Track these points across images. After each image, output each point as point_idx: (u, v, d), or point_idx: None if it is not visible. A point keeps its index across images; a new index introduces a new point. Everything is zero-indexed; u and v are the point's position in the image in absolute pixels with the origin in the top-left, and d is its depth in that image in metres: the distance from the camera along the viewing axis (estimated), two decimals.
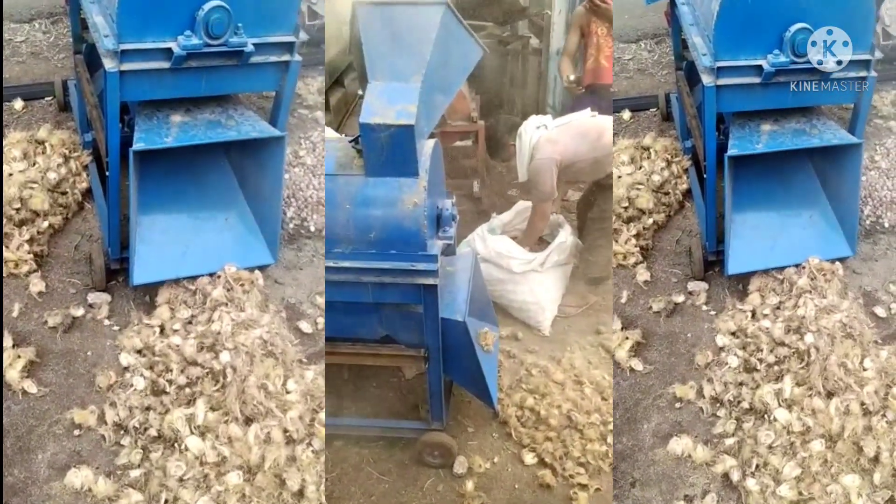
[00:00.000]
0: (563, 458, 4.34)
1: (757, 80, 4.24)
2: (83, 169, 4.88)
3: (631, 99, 6.05)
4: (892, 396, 4.08)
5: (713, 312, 4.67)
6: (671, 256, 5.03)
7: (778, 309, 4.46)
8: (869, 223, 5.33)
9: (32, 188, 4.62)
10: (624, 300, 4.77)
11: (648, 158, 5.45)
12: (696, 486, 3.92)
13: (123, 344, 4.06)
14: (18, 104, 5.33)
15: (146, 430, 3.76)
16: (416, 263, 3.85)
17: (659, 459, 4.03)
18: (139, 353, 4.03)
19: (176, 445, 3.72)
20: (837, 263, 4.65)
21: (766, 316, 4.44)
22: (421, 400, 4.64)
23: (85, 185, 4.85)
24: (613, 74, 6.24)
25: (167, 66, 3.76)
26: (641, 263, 4.95)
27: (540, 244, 5.63)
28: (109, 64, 3.71)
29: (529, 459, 4.36)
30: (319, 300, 4.55)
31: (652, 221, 5.15)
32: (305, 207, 5.13)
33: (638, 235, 5.06)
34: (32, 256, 4.44)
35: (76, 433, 3.77)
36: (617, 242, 5.01)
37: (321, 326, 4.43)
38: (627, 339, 4.51)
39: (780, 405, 4.04)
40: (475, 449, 4.46)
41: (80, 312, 4.25)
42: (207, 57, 3.81)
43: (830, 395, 4.06)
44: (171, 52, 3.73)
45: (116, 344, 4.10)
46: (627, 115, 5.88)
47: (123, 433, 3.77)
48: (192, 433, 3.74)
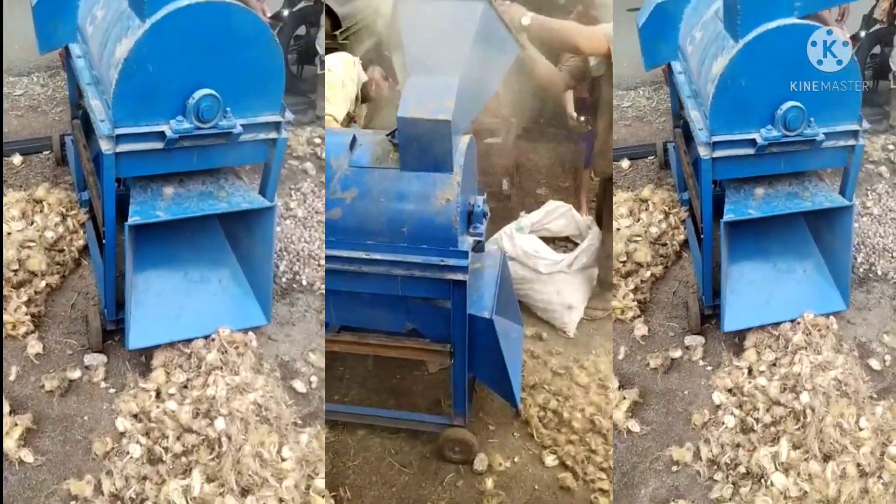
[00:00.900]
0: (584, 461, 4.34)
1: (751, 151, 4.30)
2: (80, 227, 4.89)
3: (629, 148, 6.06)
4: (888, 456, 4.07)
5: (710, 368, 4.66)
6: (668, 309, 5.02)
7: (774, 366, 4.47)
8: (862, 271, 5.33)
9: (30, 248, 4.64)
10: (622, 356, 4.75)
11: (647, 210, 5.44)
12: None
13: (120, 408, 4.06)
14: (17, 159, 5.37)
15: (143, 501, 3.74)
16: (446, 259, 3.90)
17: None
18: (135, 417, 4.02)
19: None
20: (832, 318, 4.66)
21: (762, 373, 4.45)
22: (443, 395, 4.67)
23: (82, 242, 4.87)
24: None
25: (160, 146, 3.85)
26: (639, 318, 4.93)
27: (567, 246, 5.63)
28: (105, 146, 3.79)
29: (550, 461, 4.38)
30: (313, 357, 4.56)
31: (650, 274, 5.14)
32: (297, 261, 5.13)
33: (636, 289, 5.04)
34: (30, 317, 4.43)
35: None
36: (616, 297, 5.00)
37: (315, 385, 4.44)
38: (625, 398, 4.49)
39: (776, 469, 4.02)
40: (496, 447, 4.48)
41: (76, 375, 4.25)
42: (199, 137, 3.88)
43: (827, 457, 4.04)
44: (163, 134, 3.80)
45: (113, 408, 4.09)
46: (626, 163, 5.89)
47: None
48: None
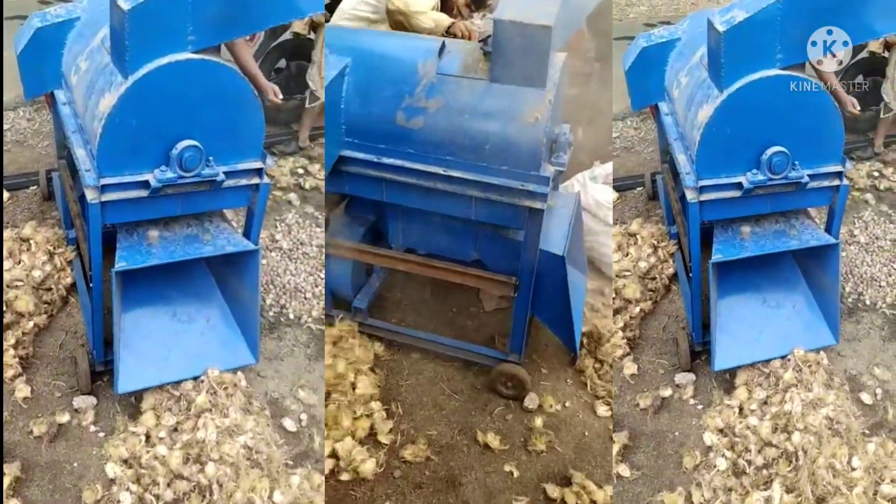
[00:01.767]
0: None
1: (738, 193, 4.33)
2: (67, 265, 4.91)
3: (617, 179, 6.02)
4: (881, 496, 4.07)
5: (701, 406, 4.64)
6: (658, 345, 4.99)
7: (765, 404, 4.46)
8: (851, 301, 5.36)
9: (17, 287, 4.65)
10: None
11: (635, 244, 5.44)
12: None
13: (109, 453, 4.05)
14: (4, 195, 5.36)
15: None
16: (527, 184, 3.77)
17: None
18: (125, 462, 4.01)
19: None
20: (822, 353, 4.67)
21: (753, 412, 4.43)
22: (497, 333, 4.69)
23: (69, 280, 4.88)
24: None
25: (145, 194, 3.88)
26: (628, 356, 4.91)
27: None
28: (91, 195, 3.80)
29: (603, 412, 4.45)
30: (302, 394, 4.57)
31: (639, 310, 5.13)
32: (284, 294, 5.15)
33: (625, 326, 5.03)
34: (18, 360, 4.43)
35: None
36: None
37: (305, 423, 4.44)
38: (615, 442, 4.46)
39: None
40: (548, 390, 4.50)
41: (65, 419, 4.24)
42: (182, 185, 3.92)
43: (820, 500, 4.04)
44: (148, 183, 3.83)
45: (102, 453, 4.08)
46: (615, 195, 5.84)
47: None
48: None
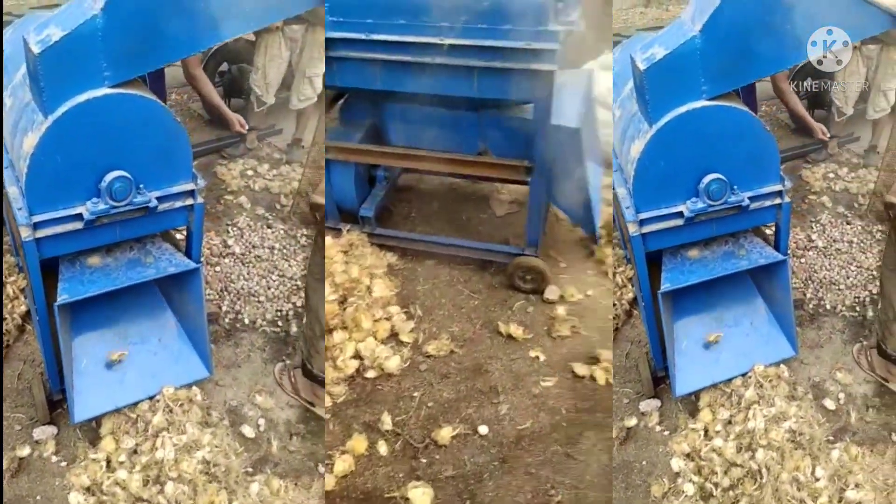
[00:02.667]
0: None
1: (680, 222, 4.37)
2: (20, 292, 4.97)
3: None
4: (845, 503, 4.18)
5: (667, 432, 4.65)
6: (622, 373, 4.97)
7: (729, 423, 4.52)
8: (812, 307, 5.39)
9: None
10: None
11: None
12: None
13: (72, 482, 4.14)
14: None
15: None
16: (533, 42, 3.57)
17: None
18: (88, 490, 4.11)
19: None
20: (782, 366, 4.74)
21: (718, 433, 4.49)
22: (511, 234, 4.68)
23: (24, 307, 4.93)
24: None
25: (80, 226, 3.95)
26: None
27: None
28: (25, 234, 3.87)
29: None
30: (259, 399, 4.66)
31: None
32: (238, 300, 5.22)
33: None
34: None
35: None
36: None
37: (263, 428, 4.54)
38: None
39: None
40: (568, 281, 4.53)
41: (26, 452, 4.30)
42: (116, 214, 3.98)
43: None
44: (82, 215, 3.90)
45: (65, 483, 4.16)
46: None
47: None
48: None
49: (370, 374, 4.48)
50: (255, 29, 4.77)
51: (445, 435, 4.41)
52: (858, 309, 5.40)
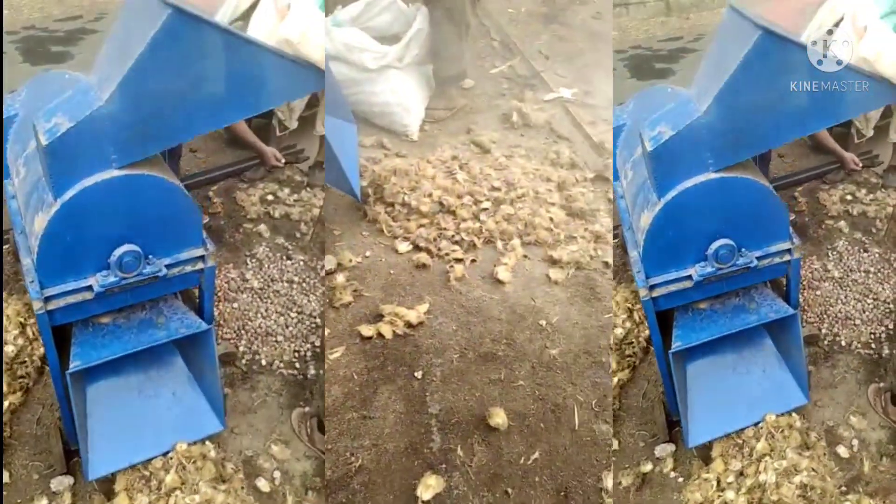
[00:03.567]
0: (437, 239, 4.54)
1: (689, 284, 4.44)
2: (39, 334, 5.00)
3: None
4: None
5: (681, 479, 4.65)
6: (638, 415, 4.95)
7: (741, 475, 4.52)
8: (826, 343, 5.33)
9: None
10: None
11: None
12: None
13: None
14: None
15: None
16: None
17: None
18: None
19: None
20: (794, 415, 4.75)
21: (730, 484, 4.49)
22: None
23: (42, 350, 4.91)
24: None
25: (91, 296, 4.03)
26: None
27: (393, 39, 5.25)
28: (37, 306, 3.94)
29: (403, 248, 4.62)
30: (275, 449, 4.67)
31: (617, 380, 5.07)
32: (255, 339, 5.18)
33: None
34: None
35: None
36: None
37: (278, 482, 4.56)
38: None
39: None
40: (344, 248, 4.60)
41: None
42: (126, 284, 4.07)
43: None
44: (92, 287, 3.99)
45: None
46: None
47: None
48: None
49: None
50: (258, 113, 4.78)
51: None
52: (874, 346, 5.34)
